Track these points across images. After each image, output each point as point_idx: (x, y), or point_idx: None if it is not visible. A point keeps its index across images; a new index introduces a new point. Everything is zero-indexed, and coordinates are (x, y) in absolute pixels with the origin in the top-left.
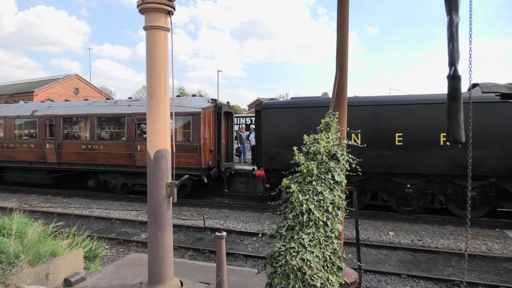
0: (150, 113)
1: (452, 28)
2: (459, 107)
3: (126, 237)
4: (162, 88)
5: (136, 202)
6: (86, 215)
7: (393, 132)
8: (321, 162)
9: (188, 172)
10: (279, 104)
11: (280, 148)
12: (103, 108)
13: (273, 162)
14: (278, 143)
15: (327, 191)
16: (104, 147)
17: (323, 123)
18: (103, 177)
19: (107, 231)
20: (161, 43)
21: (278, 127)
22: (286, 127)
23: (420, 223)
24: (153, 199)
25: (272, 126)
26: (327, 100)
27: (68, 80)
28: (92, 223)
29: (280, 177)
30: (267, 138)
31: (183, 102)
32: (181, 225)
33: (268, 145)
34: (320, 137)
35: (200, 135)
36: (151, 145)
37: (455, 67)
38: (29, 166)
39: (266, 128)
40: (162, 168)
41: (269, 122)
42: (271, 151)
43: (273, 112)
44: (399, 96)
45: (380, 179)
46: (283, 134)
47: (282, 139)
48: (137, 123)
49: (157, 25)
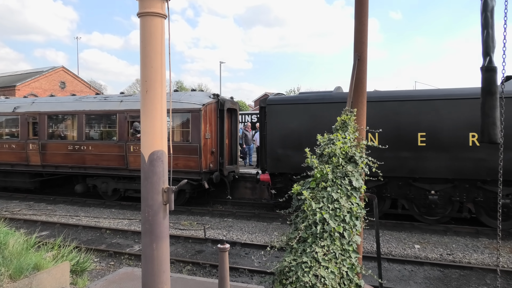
0: (144, 110)
1: (487, 12)
2: (494, 103)
3: (118, 248)
4: (158, 82)
5: (129, 209)
6: (73, 224)
7: (415, 131)
8: (337, 165)
9: (187, 176)
10: (286, 99)
11: (287, 150)
12: (92, 104)
13: (279, 165)
14: (285, 144)
15: (344, 199)
16: (93, 148)
17: (339, 122)
18: (92, 181)
19: (96, 242)
20: (157, 32)
21: (285, 126)
22: (294, 125)
23: (450, 235)
24: (147, 206)
25: (278, 124)
26: (341, 95)
27: (54, 73)
28: (79, 233)
29: (287, 182)
30: (273, 138)
31: (181, 97)
32: (179, 236)
33: (274, 146)
34: (335, 137)
35: (201, 135)
36: (146, 146)
37: (490, 57)
38: (10, 169)
39: (271, 127)
40: (157, 172)
41: (275, 120)
42: (277, 153)
43: (279, 109)
44: (422, 90)
45: (400, 185)
46: (291, 133)
47: (290, 139)
48: (130, 121)
49: (153, 11)
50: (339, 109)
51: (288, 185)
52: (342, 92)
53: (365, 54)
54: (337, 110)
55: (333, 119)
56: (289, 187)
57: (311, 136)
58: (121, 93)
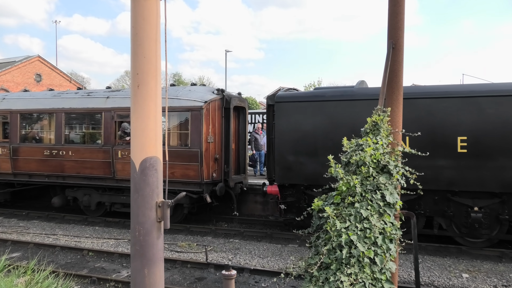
0: (135, 108)
1: None
2: None
3: (102, 274)
4: (152, 75)
5: (116, 227)
6: (49, 244)
7: (454, 135)
8: (366, 176)
9: (185, 188)
10: (299, 96)
11: (299, 156)
12: (73, 101)
13: (290, 175)
14: (297, 149)
15: (375, 217)
16: (73, 154)
17: (370, 123)
18: (73, 193)
19: (77, 266)
20: (151, 15)
21: (297, 128)
22: (308, 127)
23: (506, 262)
24: (138, 224)
25: (289, 126)
26: (364, 91)
27: (28, 63)
28: (57, 254)
29: (299, 195)
30: (282, 143)
31: (179, 93)
32: (176, 260)
33: (284, 152)
34: (365, 142)
35: (202, 138)
36: (137, 151)
37: None
38: None
39: (280, 129)
40: (150, 183)
41: (285, 121)
42: (287, 160)
43: (290, 107)
44: (463, 85)
45: (436, 200)
46: (304, 137)
47: (303, 144)
48: (117, 122)
49: None
50: (362, 108)
51: (301, 199)
52: (366, 87)
53: (401, 42)
54: (360, 109)
55: (355, 119)
56: (301, 201)
57: (328, 139)
58: (108, 88)
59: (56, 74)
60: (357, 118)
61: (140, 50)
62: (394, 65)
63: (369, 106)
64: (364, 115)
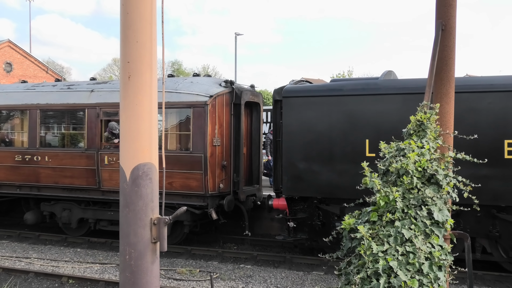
0: (126, 104)
1: None
2: None
3: None
4: (146, 64)
5: (101, 249)
6: (21, 269)
7: (501, 137)
8: (409, 188)
9: (186, 202)
10: (312, 90)
11: (312, 163)
12: (50, 95)
13: (301, 186)
14: (308, 154)
15: (420, 238)
16: (51, 159)
17: (414, 123)
18: (49, 207)
19: None
20: None
21: (309, 128)
22: (323, 127)
23: None
24: (128, 245)
25: (299, 126)
26: (391, 84)
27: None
28: (30, 282)
29: (312, 210)
30: (291, 146)
31: (179, 86)
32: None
33: (293, 158)
34: (408, 146)
35: (206, 141)
36: (127, 157)
37: None
38: None
39: (289, 129)
40: (144, 195)
41: (295, 120)
42: (297, 168)
43: (301, 104)
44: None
45: (478, 217)
46: (318, 139)
47: (316, 148)
48: (104, 120)
49: None
50: (389, 104)
51: (314, 215)
52: (393, 79)
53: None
54: (386, 106)
55: (380, 118)
56: (314, 218)
57: (346, 143)
58: (92, 80)
59: (29, 63)
60: (382, 116)
61: (131, 33)
62: (445, 51)
63: (397, 102)
64: (391, 113)
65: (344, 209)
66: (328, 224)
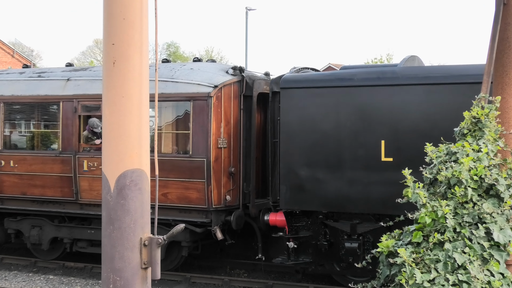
0: (110, 96)
1: None
2: None
3: None
4: (135, 46)
5: (79, 276)
6: None
7: None
8: (463, 202)
9: (184, 218)
10: (315, 79)
11: (316, 169)
12: (16, 85)
13: (302, 198)
14: (312, 159)
15: (476, 264)
16: (17, 165)
17: (468, 120)
18: (15, 224)
19: None
20: None
21: (312, 127)
22: (329, 126)
23: None
24: (113, 271)
25: (300, 124)
26: (414, 72)
27: None
28: None
29: (317, 228)
30: (291, 149)
31: (176, 73)
32: None
33: (292, 163)
34: (461, 149)
35: (210, 142)
36: (111, 162)
37: None
38: None
39: (288, 128)
40: (132, 209)
41: (295, 116)
42: (297, 175)
43: (302, 96)
44: None
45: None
46: (323, 140)
47: (321, 151)
48: (83, 116)
49: None
50: (411, 96)
51: (319, 233)
52: (415, 67)
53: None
54: (407, 99)
55: (399, 114)
56: (320, 236)
57: (358, 145)
58: (68, 66)
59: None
60: (402, 112)
61: (117, 9)
62: (507, 30)
63: (419, 94)
64: (412, 108)
65: (355, 226)
66: (336, 245)
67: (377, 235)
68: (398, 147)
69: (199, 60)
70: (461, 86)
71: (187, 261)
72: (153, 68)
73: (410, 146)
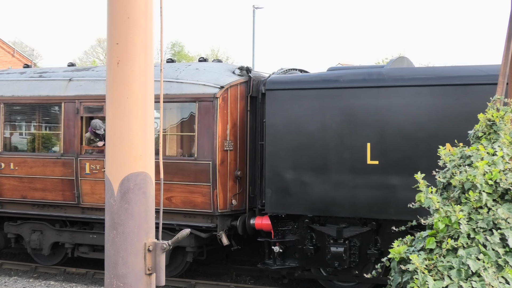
0: (113, 97)
1: None
2: None
3: None
4: (140, 45)
5: (81, 282)
6: None
7: None
8: (477, 207)
9: (189, 223)
10: (301, 81)
11: (302, 172)
12: (17, 85)
13: (288, 201)
14: (298, 162)
15: (491, 271)
16: (17, 167)
17: (483, 123)
18: (15, 229)
19: None
20: None
21: (298, 129)
22: (315, 128)
23: None
24: (116, 277)
25: (286, 126)
26: (401, 74)
27: None
28: None
29: (303, 232)
30: (276, 152)
31: (181, 74)
32: None
33: (278, 166)
34: (475, 152)
35: (216, 144)
36: (115, 165)
37: None
38: None
39: (274, 131)
40: (136, 214)
41: (281, 118)
42: (283, 179)
43: (288, 98)
44: None
45: None
46: (309, 143)
47: (307, 154)
48: (85, 118)
49: None
50: (398, 99)
51: (306, 237)
52: (402, 68)
53: None
54: (394, 101)
55: (385, 117)
56: (306, 241)
57: (344, 147)
58: (70, 66)
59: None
60: (387, 114)
61: (121, 7)
62: None
63: (406, 96)
64: (398, 110)
65: (342, 230)
66: (323, 249)
67: (363, 239)
68: (384, 150)
69: (205, 60)
70: (447, 88)
71: (192, 267)
72: (158, 68)
73: (396, 148)
